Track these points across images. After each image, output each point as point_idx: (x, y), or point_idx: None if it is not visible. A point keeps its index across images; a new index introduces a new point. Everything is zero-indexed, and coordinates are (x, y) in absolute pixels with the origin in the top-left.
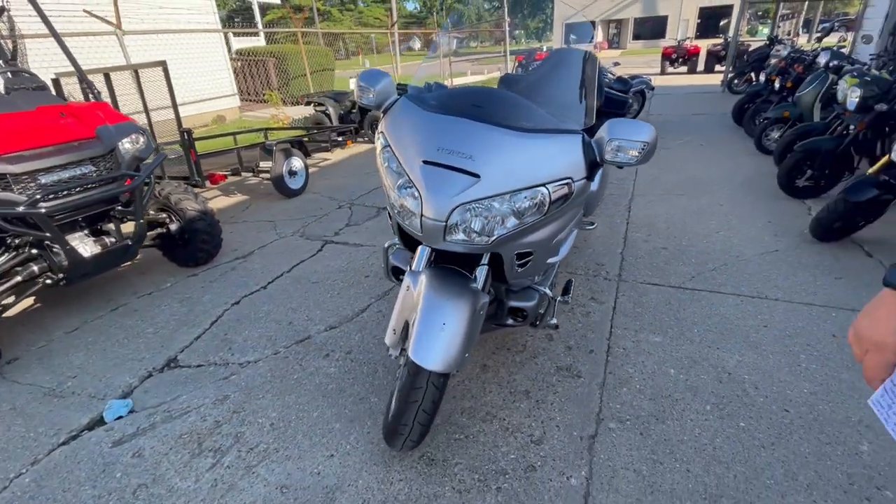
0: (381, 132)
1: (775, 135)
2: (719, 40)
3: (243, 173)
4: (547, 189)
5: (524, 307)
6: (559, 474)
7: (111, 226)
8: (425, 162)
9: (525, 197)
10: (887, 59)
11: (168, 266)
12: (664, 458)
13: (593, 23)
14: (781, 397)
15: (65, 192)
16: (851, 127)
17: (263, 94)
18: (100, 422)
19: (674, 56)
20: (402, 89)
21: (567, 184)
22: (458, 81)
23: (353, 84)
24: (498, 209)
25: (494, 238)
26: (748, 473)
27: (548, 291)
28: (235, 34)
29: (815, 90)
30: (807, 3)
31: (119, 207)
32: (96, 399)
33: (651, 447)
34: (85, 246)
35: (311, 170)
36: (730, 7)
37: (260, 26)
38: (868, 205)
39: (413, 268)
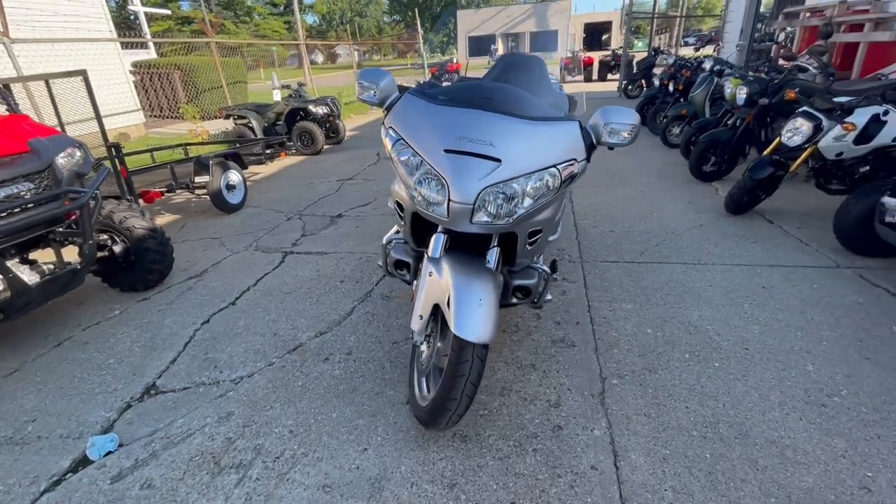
0: (390, 127)
1: (677, 130)
2: (608, 52)
3: (178, 190)
4: (557, 169)
5: (528, 285)
6: (583, 429)
7: (50, 250)
8: (447, 150)
9: (541, 177)
10: (761, 63)
11: (109, 293)
12: (665, 400)
13: (494, 36)
14: (739, 339)
15: (1, 214)
16: (738, 120)
17: (176, 109)
18: (84, 461)
19: (570, 66)
20: (401, 87)
21: (572, 164)
22: None
23: (277, 95)
24: (518, 190)
25: (515, 217)
26: (733, 401)
27: (546, 269)
28: (125, 45)
29: (704, 91)
30: (677, 19)
31: (60, 229)
32: (71, 439)
33: (652, 394)
34: (27, 273)
35: (247, 183)
36: (609, 23)
37: (149, 37)
38: (767, 181)
39: (430, 255)
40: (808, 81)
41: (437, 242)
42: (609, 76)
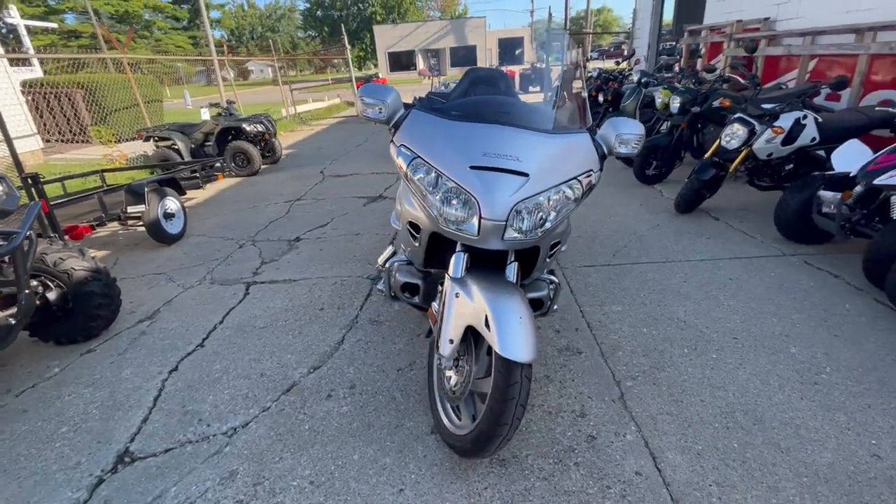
0: (402, 145)
1: None
2: (527, 66)
3: (108, 223)
4: (579, 181)
5: (540, 297)
6: (615, 435)
7: None
8: (473, 167)
9: (565, 189)
10: (685, 75)
11: (40, 349)
12: (681, 396)
13: (413, 52)
14: (726, 330)
15: None
16: (674, 127)
17: (80, 133)
18: None
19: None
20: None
21: (590, 175)
22: (301, 109)
23: (205, 114)
24: (545, 203)
25: (543, 230)
26: (739, 389)
27: (555, 279)
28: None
29: (634, 101)
30: (588, 36)
31: None
32: None
33: (667, 392)
34: None
35: (186, 211)
36: (521, 38)
37: (32, 52)
38: (711, 181)
39: (452, 275)
40: (729, 91)
41: (458, 262)
42: (531, 88)
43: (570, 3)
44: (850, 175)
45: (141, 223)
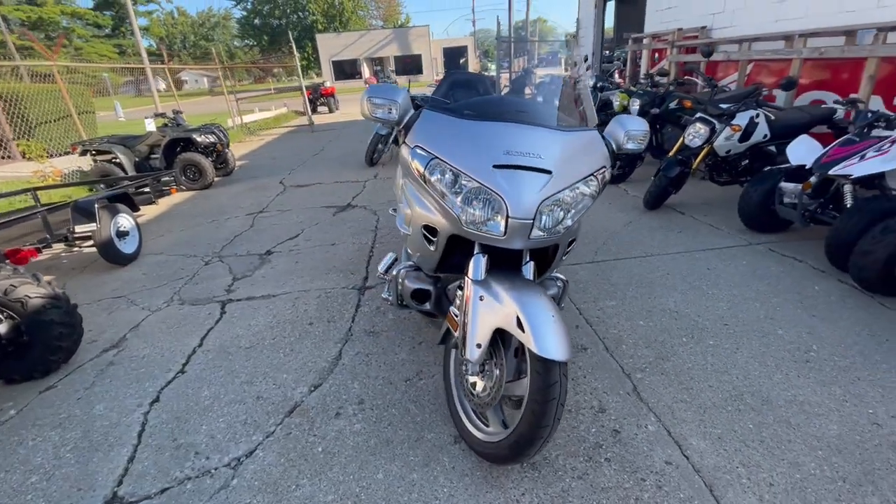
0: (417, 146)
1: None
2: (512, 69)
3: (54, 244)
4: (595, 177)
5: (553, 295)
6: (638, 427)
7: None
8: (497, 166)
9: (584, 186)
10: (643, 79)
11: None
12: (690, 383)
13: (357, 60)
14: (716, 317)
15: None
16: None
17: (5, 147)
18: None
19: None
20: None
21: (604, 171)
22: (248, 119)
23: (150, 125)
24: (568, 200)
25: (565, 227)
26: (741, 372)
27: (563, 277)
28: None
29: None
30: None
31: None
32: None
33: (676, 380)
34: None
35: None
36: (465, 47)
37: None
38: (676, 178)
39: (472, 277)
40: (683, 94)
41: (478, 264)
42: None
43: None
44: (806, 167)
45: (91, 243)
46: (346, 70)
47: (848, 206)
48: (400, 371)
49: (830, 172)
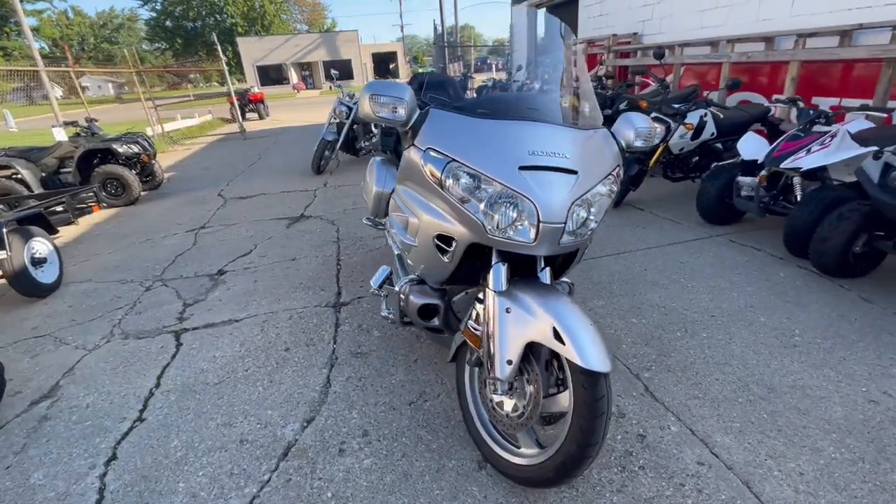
0: (430, 148)
1: None
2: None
3: None
4: (612, 176)
5: None
6: (661, 429)
7: None
8: (523, 168)
9: (605, 185)
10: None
11: None
12: (697, 378)
13: (285, 65)
14: (703, 309)
15: None
16: None
17: None
18: None
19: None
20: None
21: (619, 169)
22: (170, 127)
23: (60, 135)
24: (593, 201)
25: (591, 229)
26: (741, 362)
27: (569, 280)
28: None
29: None
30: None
31: None
32: None
33: (684, 376)
34: None
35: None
36: (394, 53)
37: None
38: (635, 176)
39: (494, 288)
40: (632, 96)
41: (498, 274)
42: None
43: (439, 21)
44: (759, 162)
45: (0, 275)
46: (271, 75)
47: (798, 197)
48: (401, 394)
49: (782, 166)
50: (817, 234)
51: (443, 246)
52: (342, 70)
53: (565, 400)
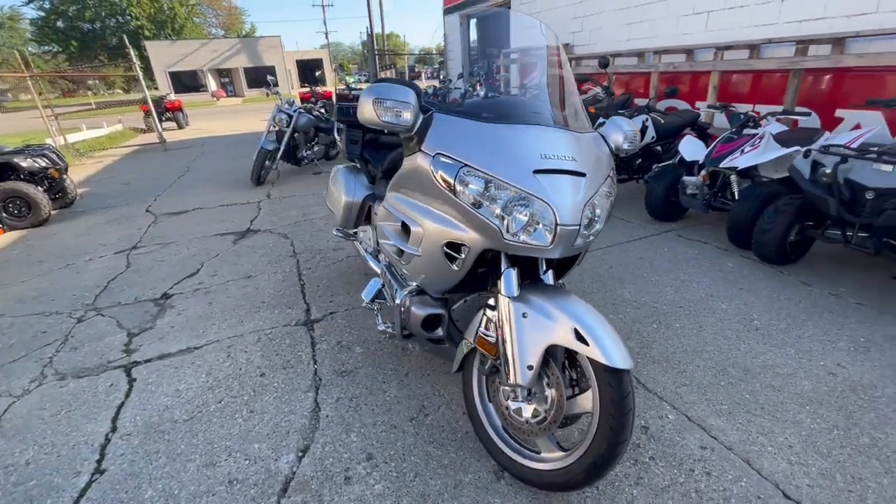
0: (439, 154)
1: None
2: (343, 86)
3: None
4: (611, 178)
5: None
6: (660, 419)
7: None
8: (537, 171)
9: (607, 188)
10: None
11: None
12: (681, 366)
13: (202, 71)
14: (671, 301)
15: None
16: None
17: None
18: None
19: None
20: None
21: (613, 171)
22: (74, 138)
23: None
24: (599, 203)
25: (598, 230)
26: (715, 348)
27: (563, 281)
28: None
29: None
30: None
31: None
32: None
33: (668, 365)
34: None
35: None
36: (319, 60)
37: None
38: None
39: (506, 293)
40: None
41: (510, 279)
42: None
43: (362, 28)
44: (699, 162)
45: None
46: (185, 82)
47: (736, 193)
48: (399, 410)
49: (721, 165)
50: (758, 226)
51: (453, 254)
52: (265, 77)
53: (587, 400)
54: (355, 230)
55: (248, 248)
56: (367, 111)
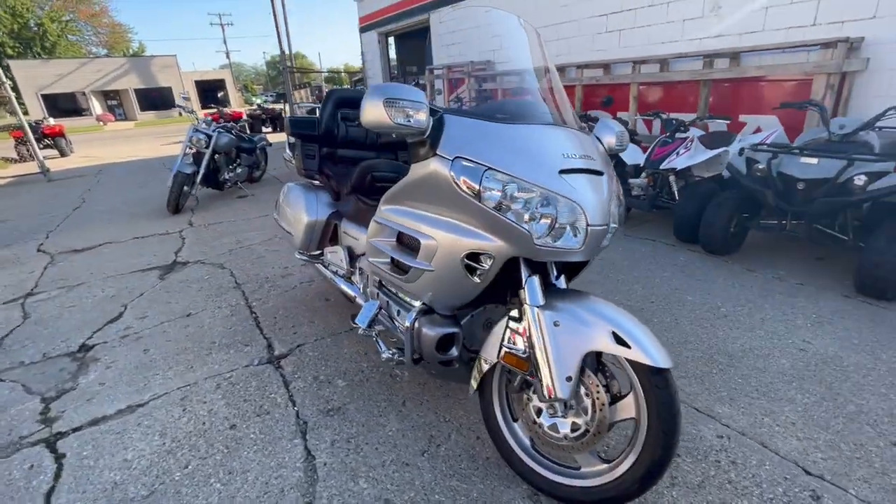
0: (458, 157)
1: None
2: (254, 107)
3: None
4: (615, 177)
5: None
6: None
7: None
8: (563, 171)
9: (616, 186)
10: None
11: None
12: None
13: (83, 93)
14: (642, 297)
15: None
16: None
17: None
18: None
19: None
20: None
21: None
22: None
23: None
24: (613, 201)
25: (615, 228)
26: (696, 339)
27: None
28: None
29: None
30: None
31: None
32: None
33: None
34: None
35: None
36: (221, 80)
37: None
38: None
39: (532, 302)
40: None
41: (534, 287)
42: (263, 129)
43: (265, 48)
44: (640, 165)
45: None
46: (62, 105)
47: (675, 193)
48: (406, 445)
49: (661, 167)
50: (704, 220)
51: (474, 265)
52: (160, 99)
53: (629, 406)
54: (319, 252)
55: (179, 282)
56: (375, 114)
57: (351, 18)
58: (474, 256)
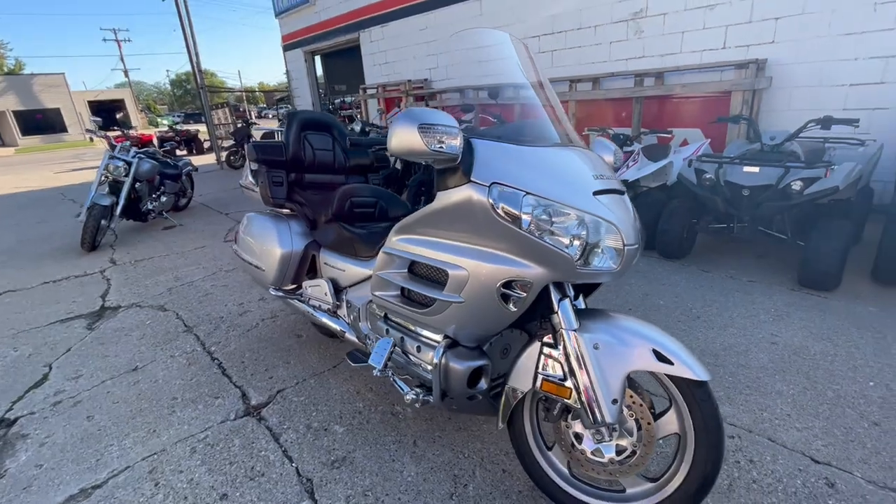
0: (495, 183)
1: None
2: (164, 129)
3: None
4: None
5: None
6: None
7: None
8: (596, 192)
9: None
10: None
11: None
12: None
13: None
14: (617, 307)
15: None
16: (425, 165)
17: None
18: None
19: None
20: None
21: None
22: None
23: None
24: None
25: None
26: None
27: None
28: None
29: None
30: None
31: None
32: None
33: None
34: None
35: None
36: (120, 101)
37: None
38: None
39: (570, 328)
40: None
41: (567, 311)
42: (178, 152)
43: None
44: None
45: None
46: None
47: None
48: (430, 490)
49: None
50: (660, 228)
51: (509, 293)
52: (46, 122)
53: (671, 421)
54: (296, 286)
55: (114, 331)
56: (409, 140)
57: (260, 35)
58: (507, 284)
